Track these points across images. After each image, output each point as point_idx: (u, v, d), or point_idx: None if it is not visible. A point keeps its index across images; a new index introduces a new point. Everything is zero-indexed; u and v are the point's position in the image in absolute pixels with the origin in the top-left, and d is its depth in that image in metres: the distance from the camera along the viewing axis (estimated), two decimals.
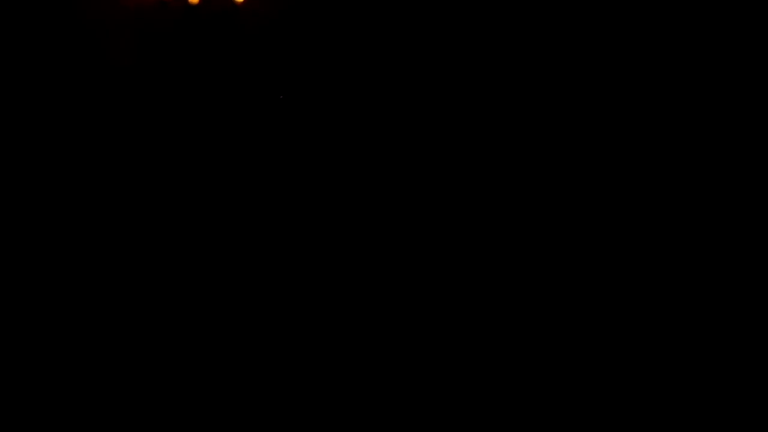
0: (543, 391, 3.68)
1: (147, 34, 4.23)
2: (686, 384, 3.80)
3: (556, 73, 5.21)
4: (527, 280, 4.14)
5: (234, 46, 4.20)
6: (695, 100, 5.16)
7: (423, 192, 4.39)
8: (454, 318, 3.92)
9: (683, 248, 4.44)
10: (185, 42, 4.23)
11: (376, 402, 3.48)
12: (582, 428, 3.58)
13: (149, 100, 4.00)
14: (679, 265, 4.36)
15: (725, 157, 4.93)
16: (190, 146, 3.95)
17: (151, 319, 3.59)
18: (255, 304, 3.75)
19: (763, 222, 4.56)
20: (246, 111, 4.10)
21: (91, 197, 3.64)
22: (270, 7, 4.41)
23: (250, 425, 3.33)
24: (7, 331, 3.38)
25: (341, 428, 3.39)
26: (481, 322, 3.91)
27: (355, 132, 4.15)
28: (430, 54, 4.48)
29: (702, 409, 3.71)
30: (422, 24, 4.46)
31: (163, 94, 4.03)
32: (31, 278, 3.44)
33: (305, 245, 3.87)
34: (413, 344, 3.74)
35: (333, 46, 4.27)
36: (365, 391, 3.50)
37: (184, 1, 4.31)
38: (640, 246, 4.42)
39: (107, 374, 3.37)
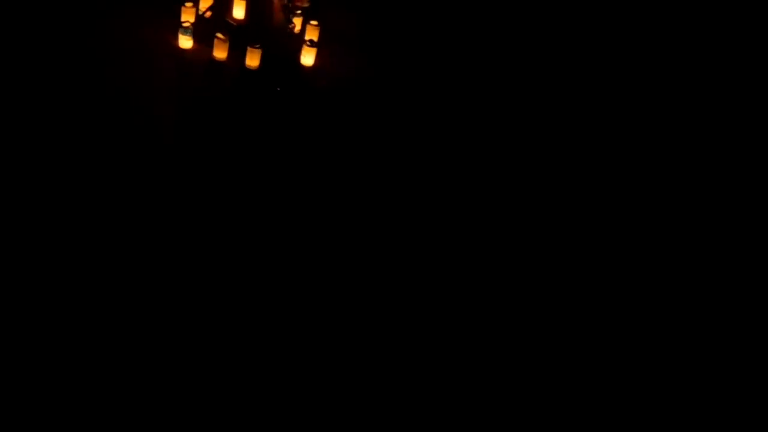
0: (541, 389, 3.69)
1: (200, 93, 4.55)
2: (685, 382, 3.82)
3: (557, 76, 5.24)
4: (524, 278, 4.15)
5: (295, 106, 4.44)
6: (694, 101, 5.18)
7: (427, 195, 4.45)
8: (452, 315, 3.94)
9: (680, 246, 4.45)
10: (239, 102, 4.51)
11: (375, 400, 3.49)
12: (581, 427, 3.60)
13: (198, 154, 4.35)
14: (677, 263, 4.37)
15: (721, 156, 4.95)
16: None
17: (160, 314, 3.61)
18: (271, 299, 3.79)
19: (761, 222, 4.58)
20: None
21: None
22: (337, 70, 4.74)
23: (249, 424, 3.34)
24: (7, 330, 3.39)
25: (340, 427, 3.40)
26: (479, 320, 3.93)
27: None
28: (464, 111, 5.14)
29: (700, 408, 3.72)
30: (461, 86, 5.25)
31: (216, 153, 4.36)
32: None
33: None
34: (412, 343, 3.76)
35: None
36: (364, 389, 3.52)
37: (241, 64, 4.59)
38: (631, 244, 4.44)
39: (106, 373, 3.38)
